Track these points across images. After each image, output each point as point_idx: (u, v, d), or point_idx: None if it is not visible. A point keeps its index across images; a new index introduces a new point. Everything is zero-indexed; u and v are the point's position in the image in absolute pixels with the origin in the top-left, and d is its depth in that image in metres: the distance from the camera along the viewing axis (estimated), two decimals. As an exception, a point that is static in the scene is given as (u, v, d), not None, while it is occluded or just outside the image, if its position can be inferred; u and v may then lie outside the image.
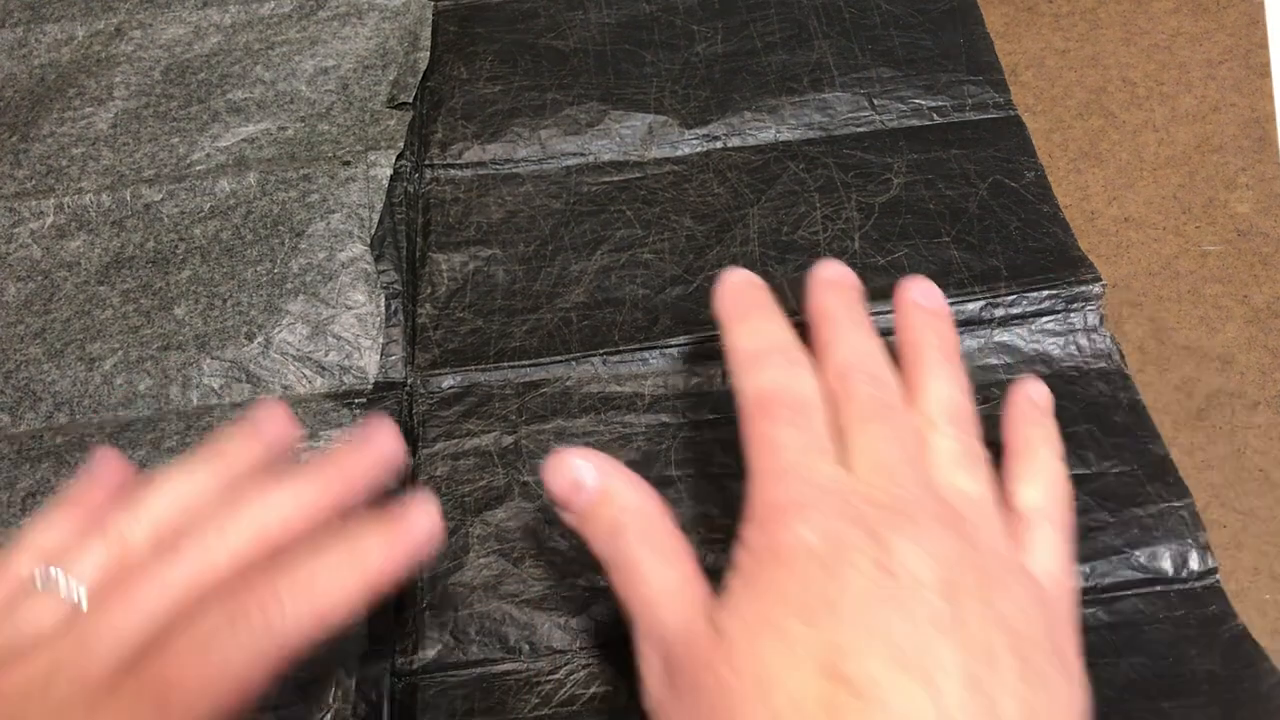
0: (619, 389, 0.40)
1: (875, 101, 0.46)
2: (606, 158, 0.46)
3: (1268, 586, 0.35)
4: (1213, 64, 0.47)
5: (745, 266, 0.41)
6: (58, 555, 0.28)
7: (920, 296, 0.34)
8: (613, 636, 0.34)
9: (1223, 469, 0.37)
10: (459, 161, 0.46)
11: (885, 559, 0.26)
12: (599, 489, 0.29)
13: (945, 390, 0.31)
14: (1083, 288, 0.40)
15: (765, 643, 0.26)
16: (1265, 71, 0.47)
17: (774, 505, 0.28)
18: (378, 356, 0.41)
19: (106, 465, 0.31)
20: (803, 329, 0.33)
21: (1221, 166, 0.44)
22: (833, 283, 0.34)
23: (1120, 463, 0.37)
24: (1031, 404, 0.33)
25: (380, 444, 0.31)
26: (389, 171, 0.45)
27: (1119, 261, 0.42)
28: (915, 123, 0.46)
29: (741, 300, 0.34)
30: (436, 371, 0.41)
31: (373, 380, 0.40)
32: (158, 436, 0.39)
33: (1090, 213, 0.43)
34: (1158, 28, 0.49)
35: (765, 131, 0.46)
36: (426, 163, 0.46)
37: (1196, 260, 0.42)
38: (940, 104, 0.46)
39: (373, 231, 0.43)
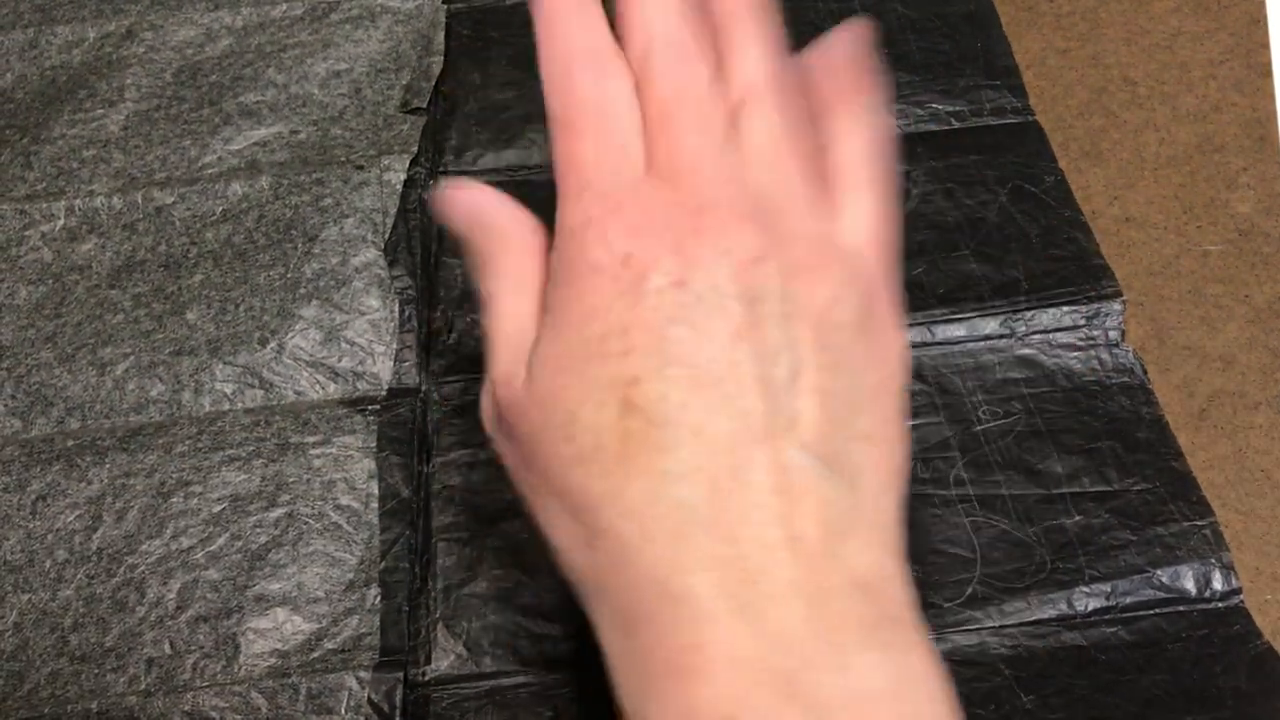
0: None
1: (893, 106, 0.46)
2: (621, 162, 0.45)
3: (1269, 586, 0.35)
4: (1214, 63, 0.47)
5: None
6: None
7: None
8: None
9: (1224, 469, 0.37)
10: (474, 168, 0.46)
11: (685, 272, 0.25)
12: (468, 216, 0.29)
13: (754, 59, 0.28)
14: (1103, 302, 0.40)
15: (567, 383, 0.26)
16: (1267, 71, 0.47)
17: (572, 228, 0.27)
18: (391, 362, 0.40)
19: None
20: None
21: (1223, 166, 0.44)
22: None
23: (1142, 480, 0.36)
24: (857, 53, 0.31)
25: None
26: (403, 176, 0.44)
27: (1120, 261, 0.42)
28: (933, 128, 0.45)
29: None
30: (451, 378, 0.40)
31: (386, 386, 0.40)
32: (170, 442, 0.39)
33: (1091, 213, 0.43)
34: (1159, 27, 0.49)
35: (781, 136, 0.46)
36: (441, 169, 0.46)
37: (1198, 260, 0.42)
38: (958, 109, 0.46)
39: (386, 237, 0.43)
